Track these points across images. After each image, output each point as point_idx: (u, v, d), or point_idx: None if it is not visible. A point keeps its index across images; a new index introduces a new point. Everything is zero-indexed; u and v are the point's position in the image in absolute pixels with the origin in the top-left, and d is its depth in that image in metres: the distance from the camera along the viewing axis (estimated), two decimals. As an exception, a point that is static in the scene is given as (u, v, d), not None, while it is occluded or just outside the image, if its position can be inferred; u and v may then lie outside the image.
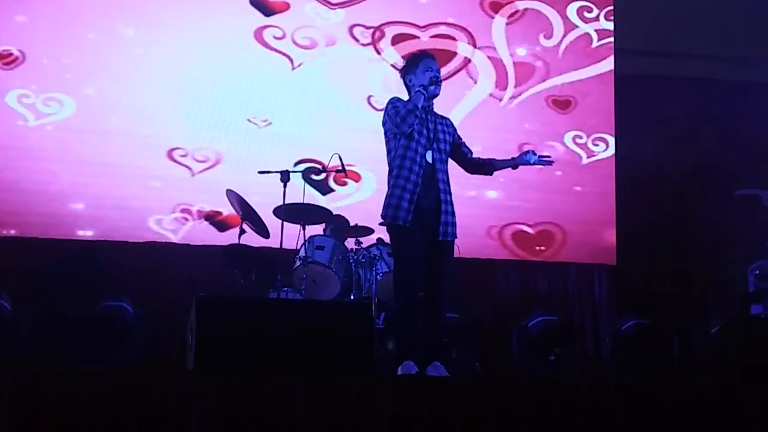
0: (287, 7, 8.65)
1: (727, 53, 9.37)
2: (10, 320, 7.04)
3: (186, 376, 4.44)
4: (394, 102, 5.54)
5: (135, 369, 6.75)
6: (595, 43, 9.12)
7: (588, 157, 8.97)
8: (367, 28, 8.72)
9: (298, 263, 7.00)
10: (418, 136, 5.45)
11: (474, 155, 5.80)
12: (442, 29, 8.85)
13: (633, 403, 4.62)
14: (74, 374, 4.35)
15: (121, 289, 7.51)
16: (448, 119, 5.73)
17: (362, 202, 8.28)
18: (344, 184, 8.31)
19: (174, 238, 8.13)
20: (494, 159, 5.81)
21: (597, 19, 9.18)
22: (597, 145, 8.98)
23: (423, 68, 5.58)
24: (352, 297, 7.00)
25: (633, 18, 9.18)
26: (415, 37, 8.76)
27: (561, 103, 8.98)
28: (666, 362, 7.78)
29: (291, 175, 6.95)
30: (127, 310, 7.25)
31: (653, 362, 7.81)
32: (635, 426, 4.57)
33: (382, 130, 5.61)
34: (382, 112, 5.63)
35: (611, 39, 9.18)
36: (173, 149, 8.23)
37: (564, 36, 9.08)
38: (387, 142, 5.59)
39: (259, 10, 8.60)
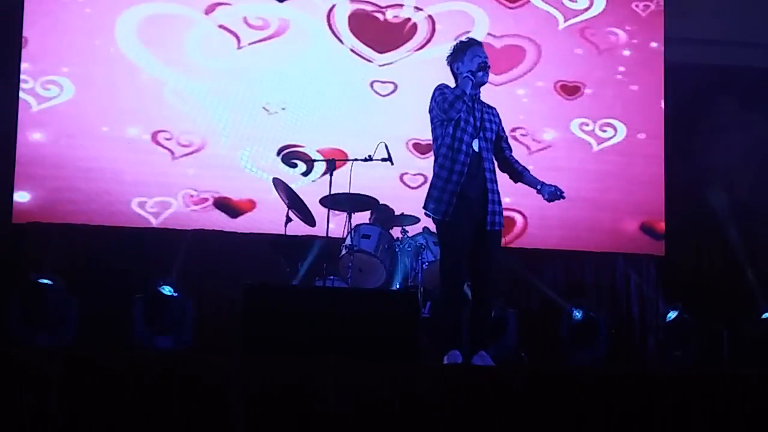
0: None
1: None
2: (62, 303, 7.18)
3: (233, 362, 4.48)
4: (441, 88, 5.51)
5: (183, 354, 6.85)
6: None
7: (598, 144, 8.86)
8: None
9: (344, 252, 7.03)
10: (465, 125, 5.41)
11: (511, 153, 5.69)
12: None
13: (680, 395, 4.58)
14: (123, 358, 4.41)
15: (169, 276, 7.60)
16: (495, 109, 5.66)
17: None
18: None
19: (155, 222, 8.13)
20: (525, 171, 5.66)
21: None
22: (605, 131, 8.87)
23: (471, 55, 5.52)
24: (397, 286, 7.01)
25: (684, 7, 9.05)
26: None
27: (569, 89, 8.88)
28: (715, 355, 7.71)
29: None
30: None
31: (702, 355, 7.75)
32: (682, 418, 4.53)
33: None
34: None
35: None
36: (158, 132, 8.24)
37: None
38: (433, 130, 5.56)
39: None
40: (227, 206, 8.25)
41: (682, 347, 7.86)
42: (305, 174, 8.29)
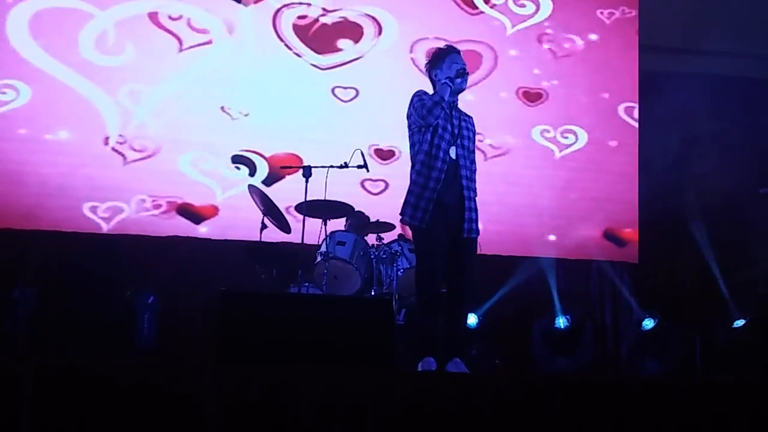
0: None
1: (751, 51, 9.30)
2: (35, 311, 7.13)
3: (208, 369, 4.45)
4: (420, 94, 5.53)
5: (157, 362, 6.81)
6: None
7: (560, 151, 8.92)
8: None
9: (319, 259, 7.02)
10: (442, 131, 5.44)
11: (472, 169, 5.63)
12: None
13: (653, 401, 4.60)
14: (95, 366, 4.38)
15: (145, 284, 7.57)
16: (471, 117, 5.70)
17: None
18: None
19: (105, 228, 8.06)
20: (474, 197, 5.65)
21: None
22: (566, 137, 8.93)
23: (449, 62, 5.57)
24: (372, 293, 7.01)
25: (657, 16, 9.14)
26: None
27: (532, 96, 8.94)
28: (688, 361, 7.76)
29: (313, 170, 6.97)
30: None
31: (674, 361, 7.79)
32: (655, 425, 4.55)
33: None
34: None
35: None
36: (111, 136, 8.20)
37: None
38: (411, 136, 5.57)
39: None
40: (189, 212, 8.22)
41: (656, 354, 7.91)
42: (251, 174, 8.32)
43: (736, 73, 9.45)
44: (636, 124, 9.03)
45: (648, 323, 8.11)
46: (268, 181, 8.30)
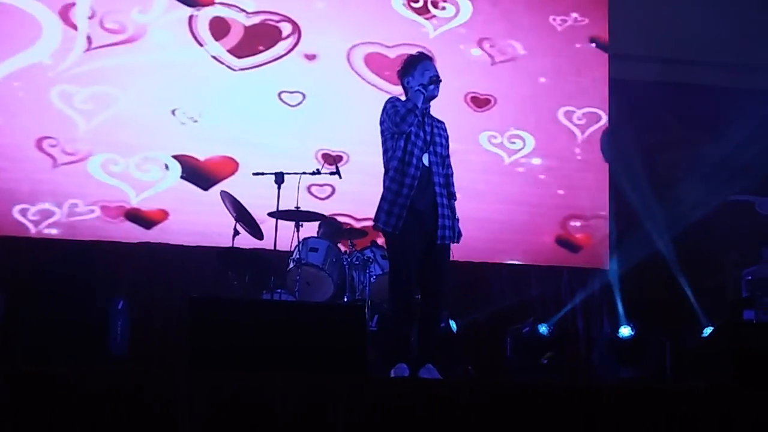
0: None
1: (719, 60, 9.39)
2: (3, 318, 7.05)
3: (179, 376, 4.43)
4: (393, 101, 5.54)
5: (128, 369, 6.76)
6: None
7: (509, 156, 8.96)
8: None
9: (291, 265, 7.01)
10: (415, 138, 5.45)
11: (449, 172, 5.68)
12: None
13: (624, 407, 4.63)
14: (66, 374, 4.34)
15: (116, 290, 7.52)
16: (444, 123, 5.73)
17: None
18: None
19: (33, 231, 8.00)
20: (453, 198, 5.67)
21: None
22: (513, 142, 8.98)
23: (422, 70, 5.59)
24: (345, 299, 7.01)
25: (626, 24, 9.22)
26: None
27: (480, 102, 8.97)
28: (658, 367, 7.81)
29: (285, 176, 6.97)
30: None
31: (645, 366, 7.84)
32: (626, 429, 4.57)
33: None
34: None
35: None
36: (43, 138, 8.14)
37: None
38: (384, 142, 5.58)
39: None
40: (138, 217, 8.17)
41: (628, 360, 7.96)
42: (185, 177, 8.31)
43: (701, 82, 9.53)
44: (576, 130, 9.06)
45: (625, 332, 8.15)
46: (205, 185, 8.29)
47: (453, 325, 7.59)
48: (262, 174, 7.13)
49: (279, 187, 6.90)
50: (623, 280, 8.79)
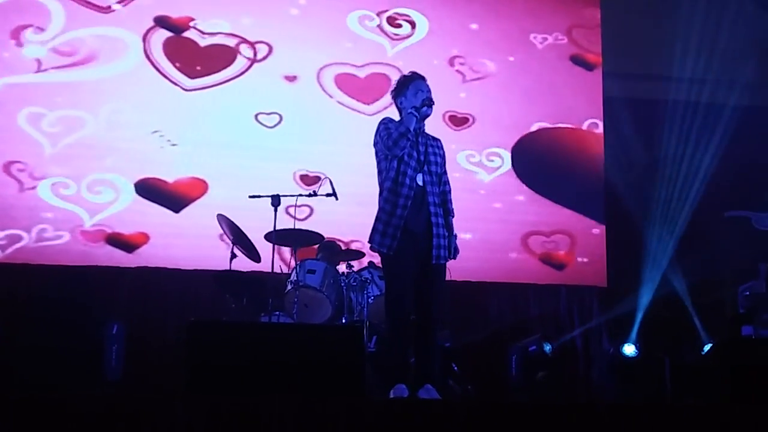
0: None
1: (717, 76, 9.42)
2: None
3: (177, 399, 4.43)
4: (386, 123, 5.54)
5: (126, 393, 6.75)
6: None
7: (489, 174, 8.97)
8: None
9: (289, 287, 7.01)
10: (408, 159, 5.45)
11: (447, 189, 5.66)
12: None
13: (624, 424, 4.62)
14: (65, 398, 4.34)
15: (111, 315, 7.51)
16: (439, 141, 5.72)
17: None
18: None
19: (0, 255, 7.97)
20: (451, 215, 5.65)
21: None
22: (492, 160, 8.99)
23: (414, 90, 5.58)
24: (343, 320, 7.00)
25: (620, 42, 9.27)
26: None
27: (458, 120, 8.97)
28: (657, 384, 7.80)
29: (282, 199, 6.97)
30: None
31: (644, 384, 7.82)
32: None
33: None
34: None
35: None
36: (12, 162, 8.13)
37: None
38: (378, 163, 5.59)
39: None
40: (119, 241, 8.15)
41: (627, 378, 7.94)
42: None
43: (700, 99, 9.55)
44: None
45: (629, 350, 8.14)
46: (176, 208, 8.29)
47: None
48: (258, 197, 7.14)
49: (276, 210, 6.90)
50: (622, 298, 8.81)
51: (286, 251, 7.63)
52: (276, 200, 6.90)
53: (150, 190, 8.28)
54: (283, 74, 8.72)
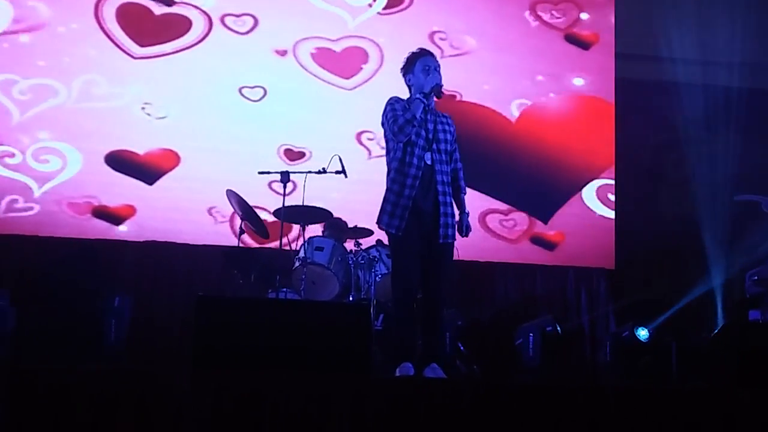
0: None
1: (727, 59, 9.36)
2: (7, 317, 7.03)
3: (184, 375, 4.44)
4: (393, 104, 5.49)
5: (133, 368, 6.77)
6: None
7: None
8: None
9: (297, 264, 7.02)
10: (416, 138, 5.42)
11: (458, 166, 5.66)
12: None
13: (630, 407, 4.63)
14: (71, 372, 4.35)
15: (121, 288, 7.53)
16: (449, 117, 5.67)
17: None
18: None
19: None
20: (462, 192, 5.67)
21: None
22: None
23: (421, 66, 5.53)
24: (350, 298, 7.02)
25: (633, 23, 9.20)
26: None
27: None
28: (664, 367, 7.79)
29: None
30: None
31: (651, 367, 7.82)
32: (631, 431, 4.57)
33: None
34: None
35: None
36: None
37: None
38: (386, 142, 5.57)
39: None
40: (106, 214, 8.13)
41: (637, 360, 7.94)
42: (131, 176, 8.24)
43: (712, 81, 9.50)
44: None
45: (643, 333, 8.12)
46: (149, 180, 8.24)
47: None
48: (268, 173, 7.15)
49: (285, 186, 6.89)
50: (630, 280, 8.79)
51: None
52: (285, 177, 6.89)
53: (121, 162, 8.20)
54: (270, 48, 8.62)
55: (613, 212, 8.96)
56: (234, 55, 8.57)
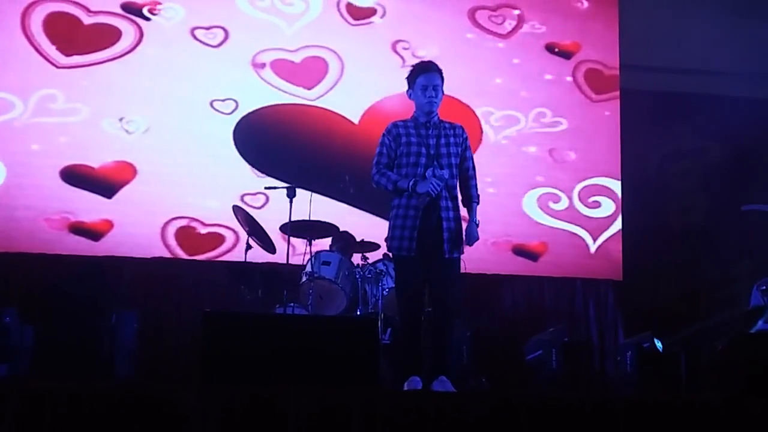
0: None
1: (736, 69, 9.36)
2: (15, 335, 7.03)
3: (192, 390, 4.44)
4: (383, 136, 5.47)
5: (142, 383, 6.77)
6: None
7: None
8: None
9: (304, 279, 7.02)
10: (417, 158, 5.37)
11: (472, 175, 5.56)
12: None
13: (639, 419, 4.62)
14: (79, 388, 4.36)
15: (129, 305, 7.53)
16: (459, 127, 5.53)
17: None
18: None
19: None
20: (474, 202, 5.56)
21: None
22: None
23: (420, 84, 5.42)
24: (358, 312, 7.01)
25: (637, 34, 9.20)
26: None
27: None
28: (673, 378, 7.76)
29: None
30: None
31: (660, 378, 7.79)
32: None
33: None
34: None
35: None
36: None
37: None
38: None
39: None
40: (83, 230, 8.11)
41: (646, 371, 7.91)
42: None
43: (716, 91, 9.50)
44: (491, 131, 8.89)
45: (657, 344, 8.08)
46: (108, 193, 8.19)
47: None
48: (275, 188, 7.16)
49: (291, 201, 6.91)
50: (638, 291, 8.77)
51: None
52: (291, 192, 6.91)
53: (77, 177, 8.16)
54: (241, 60, 8.60)
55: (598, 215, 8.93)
56: (205, 68, 8.53)
